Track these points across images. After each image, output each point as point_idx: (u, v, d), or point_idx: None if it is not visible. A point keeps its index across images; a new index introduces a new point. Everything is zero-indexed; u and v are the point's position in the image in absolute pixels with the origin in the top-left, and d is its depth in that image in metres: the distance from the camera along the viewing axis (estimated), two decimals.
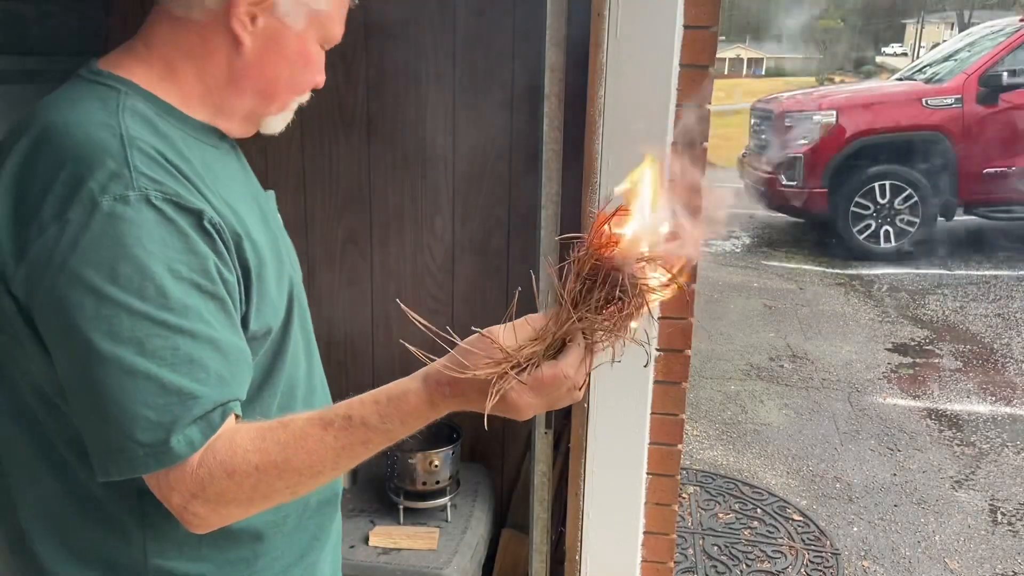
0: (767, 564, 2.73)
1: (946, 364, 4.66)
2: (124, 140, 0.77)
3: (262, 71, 0.88)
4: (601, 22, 1.54)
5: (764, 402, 4.13)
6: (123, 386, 0.72)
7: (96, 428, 0.75)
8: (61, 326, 0.73)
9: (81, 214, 0.72)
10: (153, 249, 0.74)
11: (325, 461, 0.79)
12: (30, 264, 0.74)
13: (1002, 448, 3.64)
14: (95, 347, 0.72)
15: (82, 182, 0.73)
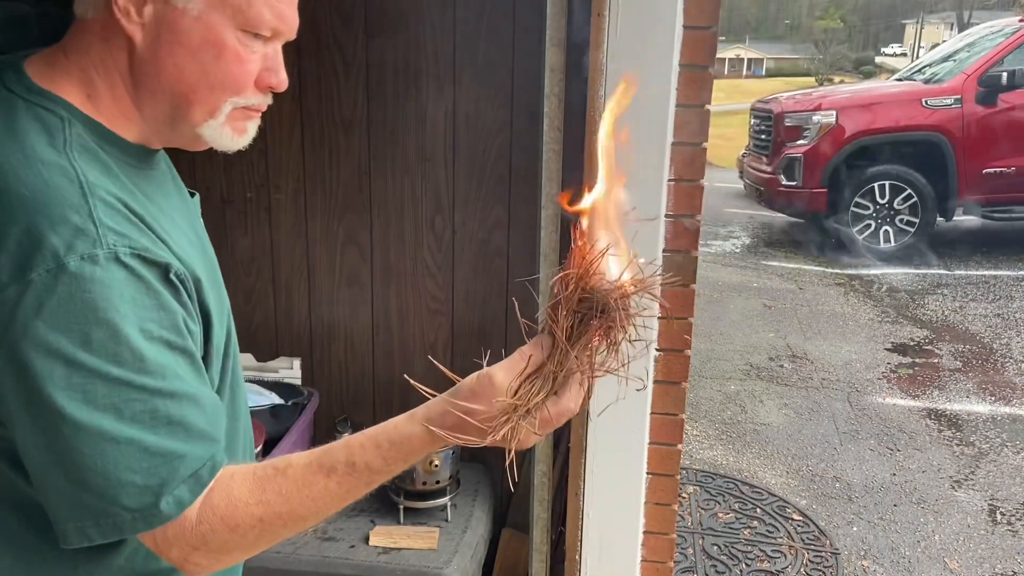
0: (767, 564, 2.73)
1: (945, 364, 4.66)
2: (84, 188, 0.71)
3: (163, 66, 0.78)
4: (601, 22, 1.54)
5: (764, 402, 4.13)
6: (104, 453, 0.69)
7: (70, 496, 0.71)
8: (25, 393, 0.68)
9: (45, 276, 0.67)
10: (126, 311, 0.70)
11: (329, 506, 0.79)
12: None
13: (1001, 448, 3.64)
14: (69, 416, 0.68)
15: (43, 239, 0.67)
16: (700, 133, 1.62)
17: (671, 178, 1.64)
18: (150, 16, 0.76)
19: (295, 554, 1.94)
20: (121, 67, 0.78)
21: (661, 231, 1.64)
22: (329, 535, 2.02)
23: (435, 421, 0.79)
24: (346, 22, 2.21)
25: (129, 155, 0.80)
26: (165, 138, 0.84)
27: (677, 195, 1.64)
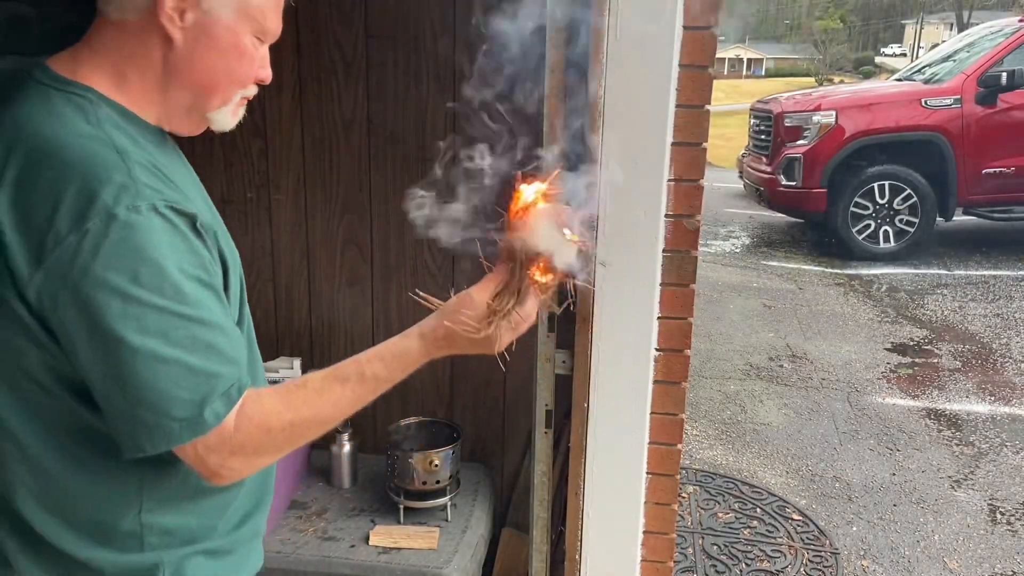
0: (766, 563, 2.73)
1: (945, 364, 4.66)
2: (120, 153, 0.84)
3: (197, 65, 0.93)
4: (601, 22, 1.54)
5: (763, 402, 4.14)
6: (156, 372, 0.83)
7: (128, 411, 0.84)
8: (88, 324, 0.82)
9: (99, 224, 0.80)
10: (165, 252, 0.83)
11: (344, 410, 0.98)
12: (49, 270, 0.81)
13: (1001, 448, 3.64)
14: (126, 342, 0.81)
15: (95, 195, 0.81)
16: (700, 133, 1.63)
17: (671, 178, 1.64)
18: (191, 22, 0.90)
19: (295, 554, 1.94)
20: (155, 62, 0.92)
21: (661, 231, 1.65)
22: (329, 535, 2.02)
23: (428, 334, 1.02)
24: (346, 22, 2.21)
25: (150, 133, 0.94)
26: (176, 122, 0.97)
27: (677, 195, 1.65)
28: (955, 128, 6.70)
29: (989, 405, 4.10)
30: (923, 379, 4.45)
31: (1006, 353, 4.81)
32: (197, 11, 0.90)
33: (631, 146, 1.59)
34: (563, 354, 1.76)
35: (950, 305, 5.75)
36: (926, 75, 7.57)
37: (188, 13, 0.90)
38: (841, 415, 3.97)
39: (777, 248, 7.60)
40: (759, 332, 5.20)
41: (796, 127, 7.09)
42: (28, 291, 0.82)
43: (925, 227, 6.88)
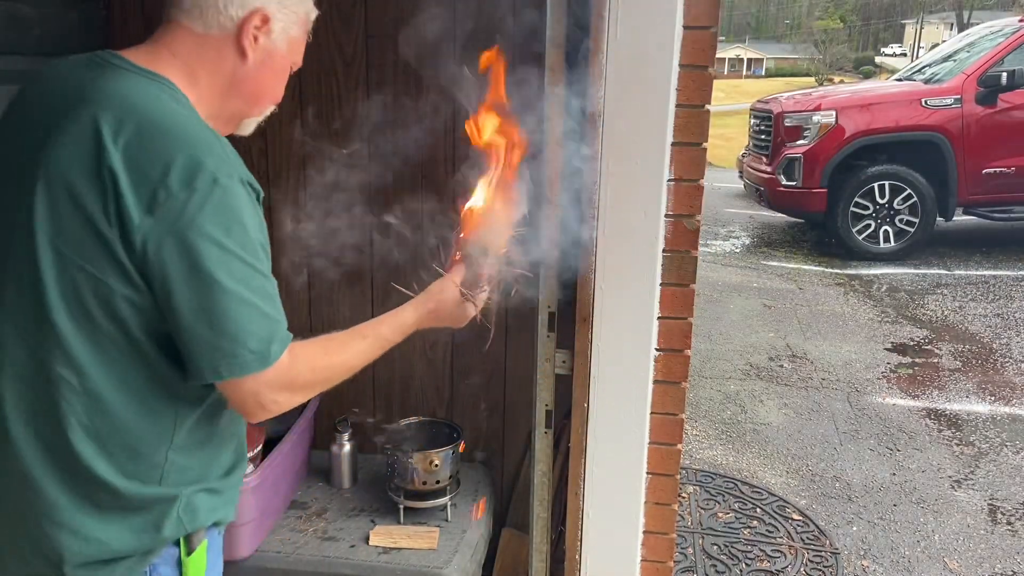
0: (767, 563, 2.73)
1: (945, 364, 4.66)
2: (213, 135, 1.06)
3: (257, 80, 1.17)
4: (601, 22, 1.55)
5: (764, 402, 4.14)
6: (239, 311, 1.01)
7: (213, 341, 1.01)
8: (188, 265, 0.99)
9: (205, 186, 0.99)
10: (248, 216, 1.03)
11: (362, 360, 1.21)
12: (159, 218, 0.98)
13: (1001, 448, 3.64)
14: (219, 282, 0.99)
15: (202, 163, 0.99)
16: (700, 133, 1.63)
17: (671, 178, 1.64)
18: (261, 44, 1.15)
19: (295, 554, 1.94)
20: (226, 72, 1.14)
21: (661, 231, 1.65)
22: (329, 535, 2.02)
23: (420, 308, 1.33)
24: (346, 22, 2.21)
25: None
26: (219, 123, 1.15)
27: (677, 195, 1.65)
28: (955, 128, 6.70)
29: (989, 405, 4.10)
30: (923, 379, 4.45)
31: (1006, 353, 4.81)
32: (266, 38, 1.15)
33: (631, 146, 1.59)
34: (563, 354, 1.76)
35: (950, 305, 5.75)
36: (926, 75, 7.56)
37: (261, 38, 1.14)
38: (841, 415, 3.97)
39: (777, 248, 7.60)
40: (759, 332, 5.21)
41: (796, 127, 7.09)
42: (136, 235, 0.98)
43: (925, 227, 6.88)
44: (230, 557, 1.89)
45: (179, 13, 1.11)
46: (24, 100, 1.12)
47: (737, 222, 8.73)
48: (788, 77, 40.12)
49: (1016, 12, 26.95)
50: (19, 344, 1.05)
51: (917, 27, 42.73)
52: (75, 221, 0.99)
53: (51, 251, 1.00)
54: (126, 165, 0.98)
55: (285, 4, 1.17)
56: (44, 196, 1.00)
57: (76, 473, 1.06)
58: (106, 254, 0.99)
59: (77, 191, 0.99)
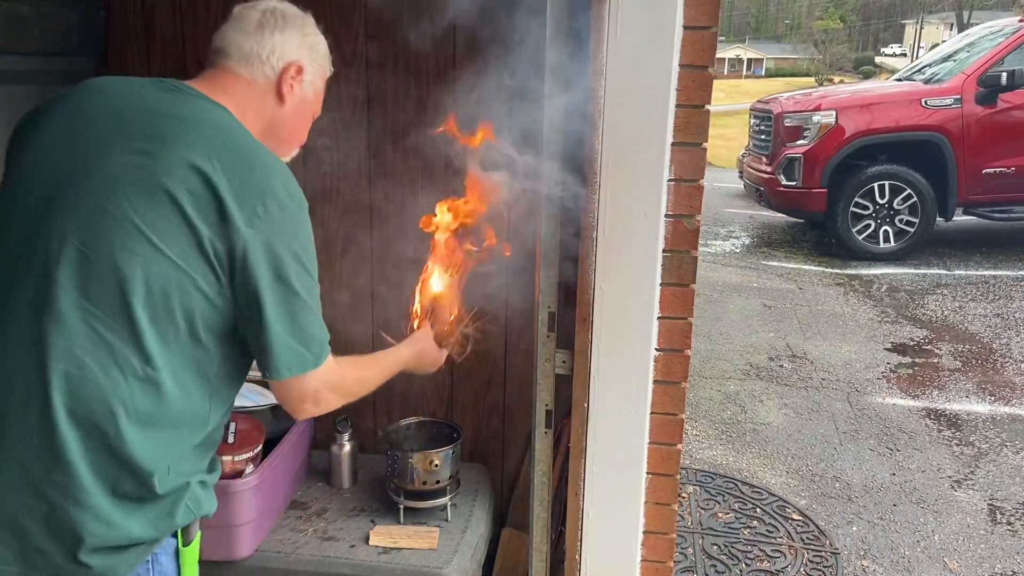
0: (766, 563, 2.73)
1: (945, 364, 4.67)
2: (278, 160, 1.24)
3: (291, 124, 1.37)
4: (601, 22, 1.55)
5: (763, 402, 4.14)
6: (308, 319, 1.21)
7: (287, 342, 1.19)
8: (273, 274, 1.16)
9: (296, 208, 1.19)
10: (311, 234, 1.23)
11: (378, 381, 1.45)
12: (259, 230, 1.14)
13: (1001, 448, 3.64)
14: (295, 290, 1.18)
15: (292, 192, 1.19)
16: (700, 133, 1.63)
17: (671, 178, 1.64)
18: (297, 93, 1.35)
19: (295, 554, 1.94)
20: (267, 114, 1.33)
21: (661, 231, 1.65)
22: (329, 535, 2.02)
23: (412, 347, 1.63)
24: (346, 22, 2.21)
25: None
26: None
27: (677, 195, 1.65)
28: (955, 128, 6.70)
29: (989, 405, 4.10)
30: (923, 379, 4.45)
31: (1006, 353, 4.81)
32: (300, 87, 1.35)
33: (631, 146, 1.59)
34: (563, 354, 1.76)
35: (950, 305, 5.75)
36: (926, 75, 7.56)
37: (296, 86, 1.34)
38: (841, 415, 3.97)
39: (777, 248, 7.60)
40: (759, 332, 5.21)
41: (796, 127, 7.09)
42: (237, 242, 1.12)
43: (925, 227, 6.88)
44: (230, 557, 1.89)
45: (227, 61, 1.30)
46: (84, 107, 1.21)
47: (737, 222, 8.73)
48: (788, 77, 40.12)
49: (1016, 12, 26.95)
50: (83, 329, 1.10)
51: (917, 27, 42.73)
52: (174, 222, 1.11)
53: (146, 243, 1.10)
54: (230, 183, 1.13)
55: (314, 58, 1.38)
56: (145, 198, 1.11)
57: (114, 458, 1.12)
58: (200, 254, 1.12)
59: (181, 199, 1.11)
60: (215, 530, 1.83)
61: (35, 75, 2.13)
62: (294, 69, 1.33)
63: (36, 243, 1.12)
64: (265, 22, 1.33)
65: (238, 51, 1.30)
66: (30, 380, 1.10)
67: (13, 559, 1.12)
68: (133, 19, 2.29)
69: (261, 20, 1.33)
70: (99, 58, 2.32)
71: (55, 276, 1.10)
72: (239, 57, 1.30)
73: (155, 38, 2.30)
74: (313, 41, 1.39)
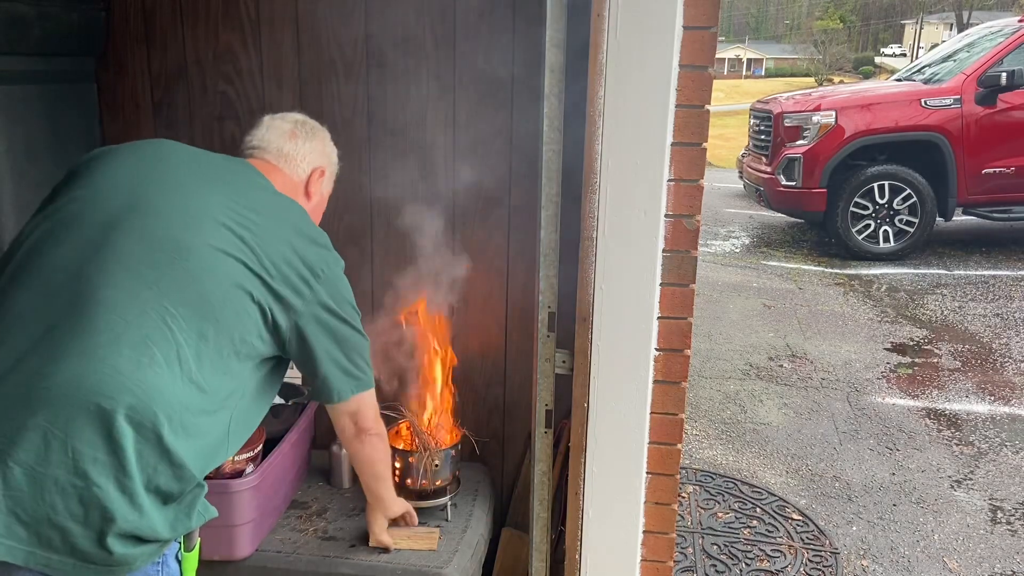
0: (766, 563, 2.73)
1: (945, 364, 4.67)
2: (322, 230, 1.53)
3: (313, 215, 1.63)
4: (601, 22, 1.55)
5: (763, 402, 4.14)
6: (361, 353, 1.54)
7: (342, 372, 1.52)
8: (334, 318, 1.46)
9: (337, 271, 1.49)
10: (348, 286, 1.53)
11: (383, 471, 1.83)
12: (319, 286, 1.43)
13: (1001, 448, 3.65)
14: (353, 329, 1.51)
15: (333, 256, 1.49)
16: (700, 133, 1.63)
17: (671, 178, 1.64)
18: (319, 189, 1.67)
19: (295, 554, 1.94)
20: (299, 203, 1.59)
21: (661, 231, 1.65)
22: (329, 535, 2.02)
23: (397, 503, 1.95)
24: (346, 22, 2.21)
25: None
26: None
27: (677, 195, 1.65)
28: (955, 128, 6.70)
29: (989, 405, 4.11)
30: (923, 379, 4.45)
31: (1006, 353, 4.81)
32: (322, 186, 1.67)
33: (631, 146, 1.59)
34: (563, 354, 1.76)
35: (950, 305, 5.75)
36: (926, 75, 7.57)
37: (320, 185, 1.66)
38: (841, 415, 3.97)
39: (777, 248, 7.60)
40: (759, 332, 5.21)
41: (796, 127, 7.09)
42: (306, 294, 1.41)
43: (925, 227, 6.88)
44: (230, 557, 1.89)
45: (267, 156, 1.58)
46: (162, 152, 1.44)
47: (737, 222, 8.73)
48: (788, 77, 40.12)
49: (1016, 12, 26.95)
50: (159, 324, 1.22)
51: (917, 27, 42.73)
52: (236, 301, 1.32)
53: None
54: (298, 252, 1.40)
55: (332, 161, 1.71)
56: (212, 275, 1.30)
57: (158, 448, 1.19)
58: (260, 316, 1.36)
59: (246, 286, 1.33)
60: (215, 530, 1.83)
61: (35, 75, 2.13)
62: (318, 172, 1.64)
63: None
64: (298, 132, 1.63)
65: (278, 152, 1.59)
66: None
67: (26, 536, 1.11)
68: (133, 19, 2.29)
69: (294, 130, 1.63)
70: (99, 58, 2.32)
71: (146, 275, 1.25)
72: (279, 156, 1.59)
73: (155, 38, 2.30)
74: (331, 149, 1.72)
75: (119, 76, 2.33)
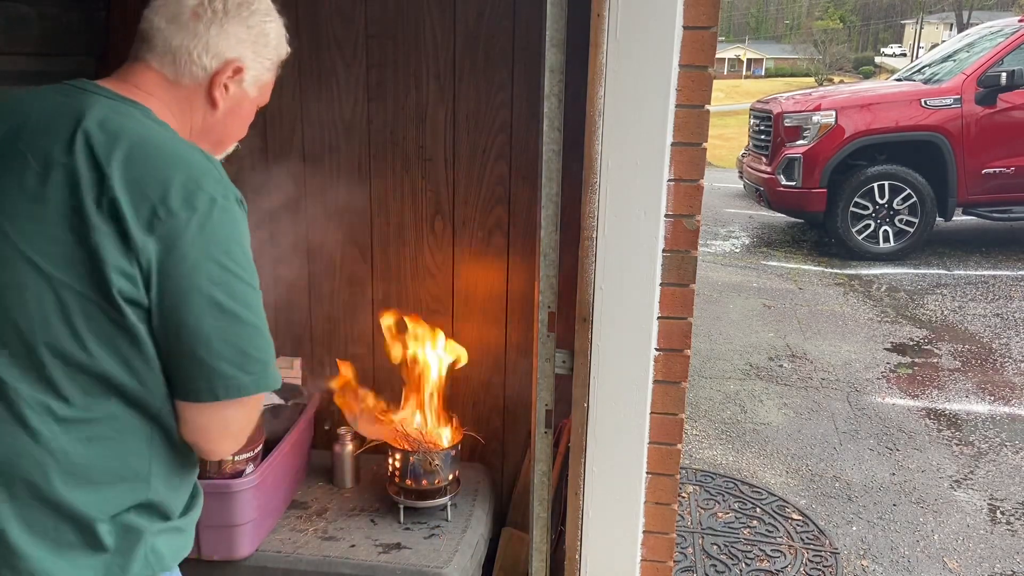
0: (766, 563, 2.73)
1: (945, 364, 4.67)
2: (208, 158, 1.05)
3: (225, 126, 1.18)
4: (601, 22, 1.55)
5: (763, 402, 4.14)
6: (238, 333, 1.01)
7: (211, 363, 0.99)
8: (188, 284, 0.97)
9: (205, 206, 0.97)
10: (245, 235, 1.03)
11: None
12: (162, 236, 0.95)
13: (1001, 448, 3.65)
14: (219, 303, 0.98)
15: (200, 183, 0.99)
16: (700, 133, 1.63)
17: (671, 178, 1.64)
18: (231, 93, 1.15)
19: (295, 553, 1.94)
20: (196, 118, 1.14)
21: (661, 231, 1.65)
22: (329, 535, 2.02)
23: None
24: (346, 22, 2.21)
25: None
26: None
27: (677, 195, 1.65)
28: (955, 128, 6.70)
29: (989, 405, 4.11)
30: (923, 379, 4.45)
31: (1006, 353, 4.81)
32: (238, 87, 1.15)
33: (631, 146, 1.59)
34: (563, 354, 1.76)
35: (950, 305, 5.75)
36: (926, 75, 7.57)
37: (231, 87, 1.15)
38: (841, 415, 3.97)
39: (777, 248, 7.60)
40: (759, 332, 5.21)
41: (796, 127, 7.09)
42: (141, 251, 0.95)
43: (925, 227, 6.88)
44: (230, 557, 1.89)
45: (151, 56, 1.10)
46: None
47: (737, 222, 8.73)
48: (788, 77, 40.13)
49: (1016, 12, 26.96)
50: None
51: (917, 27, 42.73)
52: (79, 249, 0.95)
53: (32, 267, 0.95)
54: (125, 183, 0.95)
55: (260, 53, 1.16)
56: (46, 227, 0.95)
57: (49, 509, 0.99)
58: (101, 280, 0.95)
59: (81, 222, 0.95)
60: (215, 530, 1.84)
61: (35, 75, 2.13)
62: (231, 69, 1.13)
63: None
64: (201, 12, 1.11)
65: (164, 45, 1.10)
66: None
67: None
68: (133, 19, 2.28)
69: (196, 9, 1.11)
70: (99, 58, 2.32)
71: None
72: (164, 51, 1.10)
73: None
74: (260, 31, 1.16)
75: None
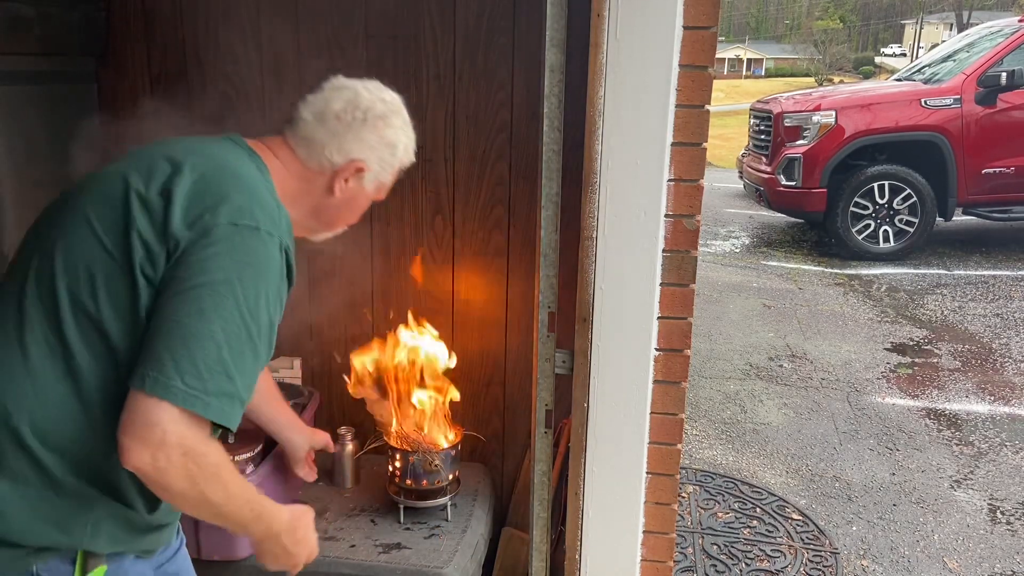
0: (766, 563, 2.73)
1: (945, 364, 4.67)
2: (279, 207, 1.15)
3: (336, 213, 1.32)
4: (601, 22, 1.55)
5: (763, 402, 4.14)
6: (201, 344, 1.00)
7: (160, 351, 0.99)
8: (192, 281, 1.02)
9: (247, 230, 1.07)
10: (268, 273, 1.08)
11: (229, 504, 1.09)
12: (197, 234, 1.04)
13: (1001, 448, 3.65)
14: (201, 307, 1.01)
15: (252, 213, 1.08)
16: (700, 133, 1.63)
17: (671, 178, 1.64)
18: (351, 187, 1.30)
19: None
20: (313, 199, 1.29)
21: (661, 231, 1.65)
22: (329, 535, 2.02)
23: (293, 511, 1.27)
24: (346, 22, 2.21)
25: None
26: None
27: (677, 195, 1.65)
28: (955, 128, 6.70)
29: (989, 405, 4.11)
30: (923, 379, 4.45)
31: (1006, 353, 4.81)
32: (356, 183, 1.29)
33: (631, 146, 1.59)
34: (563, 354, 1.76)
35: (950, 305, 5.75)
36: (926, 75, 7.57)
37: (351, 182, 1.28)
38: (841, 415, 3.97)
39: (777, 248, 7.60)
40: (759, 332, 5.21)
41: (796, 127, 7.09)
42: (172, 243, 1.03)
43: (925, 227, 6.88)
44: (230, 557, 1.89)
45: (291, 135, 1.27)
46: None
47: (737, 222, 8.74)
48: (788, 77, 40.14)
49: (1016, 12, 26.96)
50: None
51: (917, 27, 42.74)
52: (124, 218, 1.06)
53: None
54: (189, 193, 1.07)
55: (385, 160, 1.32)
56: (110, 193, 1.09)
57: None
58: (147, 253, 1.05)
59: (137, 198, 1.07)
60: (215, 530, 1.83)
61: (35, 75, 2.13)
62: (354, 168, 1.27)
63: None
64: (343, 116, 1.27)
65: (304, 133, 1.26)
66: None
67: None
68: (133, 19, 2.29)
69: (340, 113, 1.28)
70: (99, 58, 2.32)
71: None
72: (303, 137, 1.26)
73: (155, 38, 2.30)
74: (390, 141, 1.33)
75: (119, 76, 2.33)
